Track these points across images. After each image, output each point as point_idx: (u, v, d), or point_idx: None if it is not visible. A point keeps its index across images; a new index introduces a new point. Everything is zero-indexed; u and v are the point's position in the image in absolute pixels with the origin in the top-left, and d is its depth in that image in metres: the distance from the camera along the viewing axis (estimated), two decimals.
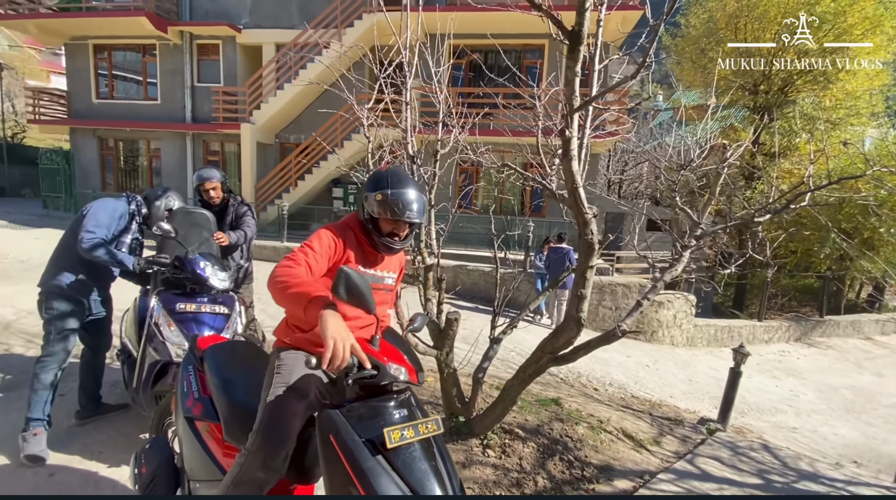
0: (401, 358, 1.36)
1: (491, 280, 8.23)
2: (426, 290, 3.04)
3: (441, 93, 3.24)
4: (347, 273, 1.24)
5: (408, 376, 1.33)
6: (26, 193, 16.88)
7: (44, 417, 2.40)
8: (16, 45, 32.11)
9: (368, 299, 1.26)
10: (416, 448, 1.25)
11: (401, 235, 1.62)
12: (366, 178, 3.45)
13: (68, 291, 2.45)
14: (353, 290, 1.24)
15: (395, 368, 1.31)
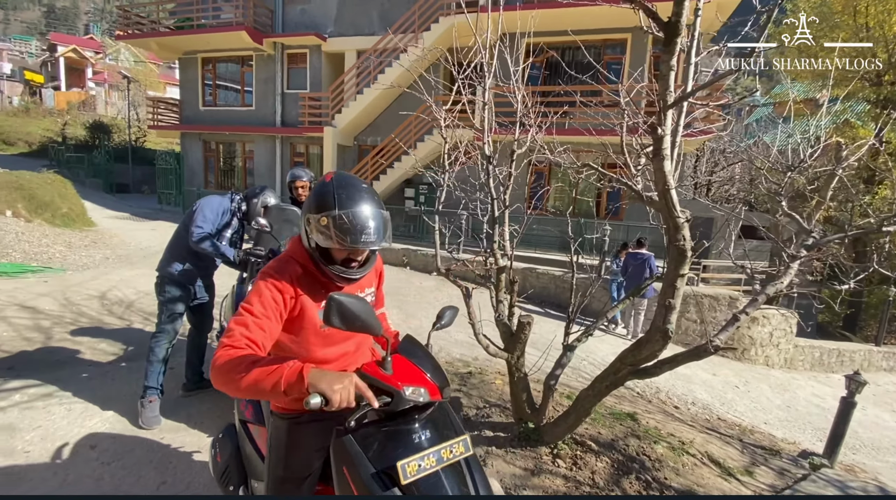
0: (420, 377, 1.23)
1: (562, 285, 7.97)
2: (497, 292, 3.00)
3: (519, 92, 3.20)
4: (339, 301, 1.08)
5: (428, 396, 1.20)
6: (145, 189, 19.36)
7: (157, 386, 2.73)
8: (140, 61, 36.99)
9: (371, 322, 1.12)
10: (439, 477, 1.14)
11: (359, 260, 1.32)
12: (438, 178, 3.53)
13: (179, 277, 2.76)
14: (349, 317, 1.09)
15: (413, 390, 1.18)
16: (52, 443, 2.41)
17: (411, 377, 1.22)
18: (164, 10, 14.82)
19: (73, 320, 4.66)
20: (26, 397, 2.85)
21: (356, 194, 1.25)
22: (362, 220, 1.22)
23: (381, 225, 1.26)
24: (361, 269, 1.34)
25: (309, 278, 1.31)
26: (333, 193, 1.23)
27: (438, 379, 1.26)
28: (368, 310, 1.12)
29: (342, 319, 1.09)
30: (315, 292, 1.31)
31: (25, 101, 29.51)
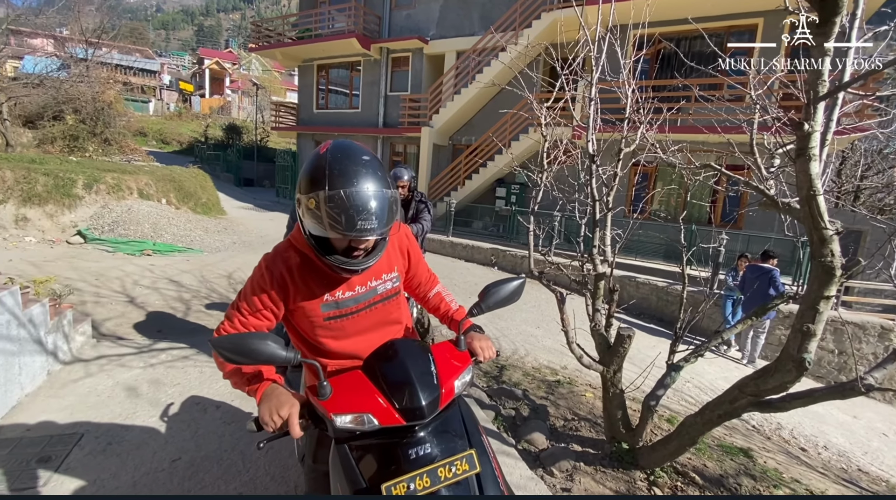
0: (370, 399, 1.06)
1: (664, 297, 7.32)
2: (595, 300, 2.83)
3: (629, 86, 2.98)
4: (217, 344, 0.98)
5: (375, 423, 1.03)
6: (266, 183, 21.82)
7: None
8: (267, 70, 41.67)
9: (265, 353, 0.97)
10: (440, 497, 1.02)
11: (363, 248, 1.10)
12: (535, 177, 3.43)
13: None
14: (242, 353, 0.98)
15: (352, 417, 1.03)
16: (188, 398, 2.80)
17: (359, 400, 1.06)
18: (288, 23, 16.51)
19: (206, 295, 5.39)
20: (170, 357, 3.36)
21: (353, 169, 1.01)
22: (360, 201, 0.99)
23: (384, 207, 1.02)
24: (368, 257, 1.12)
25: (309, 268, 1.16)
26: (325, 169, 1.01)
27: (409, 398, 1.04)
28: (258, 343, 0.97)
29: (236, 355, 0.98)
30: (317, 282, 1.16)
31: (179, 106, 34.97)
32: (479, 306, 1.29)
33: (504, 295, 1.30)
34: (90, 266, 6.04)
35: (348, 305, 1.21)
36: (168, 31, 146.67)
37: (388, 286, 1.28)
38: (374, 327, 1.29)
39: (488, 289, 1.30)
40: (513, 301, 1.33)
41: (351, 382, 1.11)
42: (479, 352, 1.27)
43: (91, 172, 8.40)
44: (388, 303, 1.29)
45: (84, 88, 14.51)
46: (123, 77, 24.01)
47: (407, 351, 1.16)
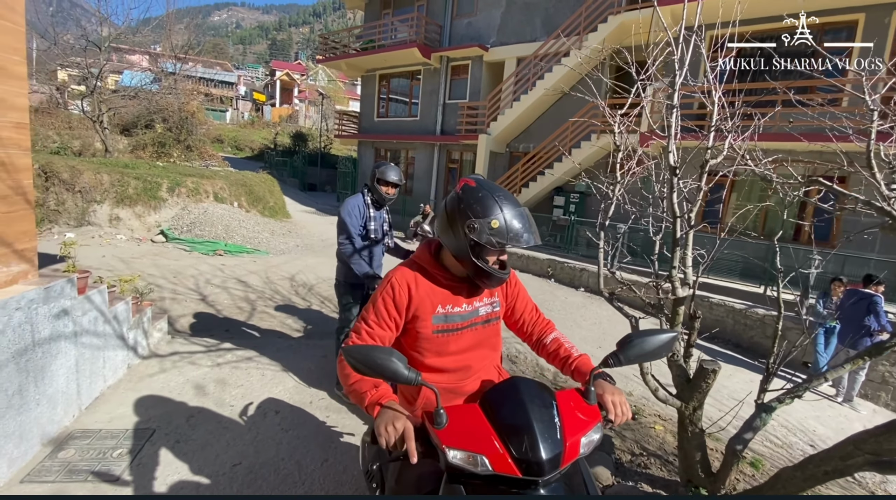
0: (485, 438, 0.99)
1: (742, 321, 6.67)
2: (673, 327, 2.57)
3: (716, 92, 2.71)
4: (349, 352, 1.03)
5: (489, 467, 0.96)
6: (327, 188, 22.76)
7: None
8: (332, 80, 43.68)
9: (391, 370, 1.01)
10: None
11: (503, 260, 1.28)
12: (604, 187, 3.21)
13: (351, 280, 3.02)
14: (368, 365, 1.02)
15: (463, 455, 0.97)
16: (250, 402, 2.87)
17: (475, 438, 0.99)
18: (353, 35, 17.18)
19: (270, 296, 5.62)
20: (235, 357, 3.49)
21: (509, 197, 1.26)
22: (525, 219, 1.23)
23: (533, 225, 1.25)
24: (504, 270, 1.29)
25: (428, 282, 1.30)
26: (492, 198, 1.22)
27: (530, 449, 0.96)
28: (385, 357, 1.01)
29: (364, 366, 1.02)
30: (434, 297, 1.30)
31: (252, 115, 37.54)
32: (618, 357, 1.14)
33: (650, 348, 1.15)
34: (169, 264, 6.52)
35: (455, 320, 1.31)
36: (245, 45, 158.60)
37: (489, 310, 1.37)
38: (473, 348, 1.36)
39: (631, 339, 1.15)
40: (659, 357, 1.18)
41: (467, 416, 1.06)
42: (612, 408, 1.13)
43: (174, 177, 9.14)
44: (487, 327, 1.37)
45: (171, 99, 15.92)
46: (205, 89, 26.13)
47: (529, 393, 1.07)
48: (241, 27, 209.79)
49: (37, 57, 16.13)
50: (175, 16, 19.61)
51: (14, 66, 1.99)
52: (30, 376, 2.09)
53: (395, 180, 2.94)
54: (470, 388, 1.37)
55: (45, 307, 2.18)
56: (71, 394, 2.44)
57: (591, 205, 11.33)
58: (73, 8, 29.87)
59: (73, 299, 2.41)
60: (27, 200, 2.14)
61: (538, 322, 1.47)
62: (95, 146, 13.65)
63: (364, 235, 2.96)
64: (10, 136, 2.01)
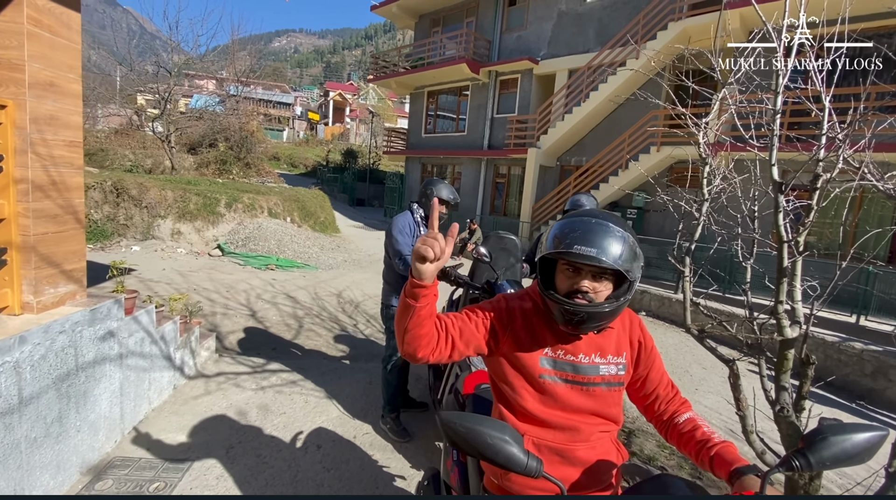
0: None
1: (834, 354, 5.84)
2: (780, 374, 2.13)
3: (827, 96, 2.29)
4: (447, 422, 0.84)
5: None
6: (375, 203, 23.18)
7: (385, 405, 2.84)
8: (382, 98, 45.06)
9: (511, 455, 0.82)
10: None
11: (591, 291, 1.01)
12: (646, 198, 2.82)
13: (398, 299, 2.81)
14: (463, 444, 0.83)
15: None
16: (292, 433, 2.70)
17: None
18: (402, 54, 17.53)
19: (318, 313, 5.55)
20: (279, 381, 3.36)
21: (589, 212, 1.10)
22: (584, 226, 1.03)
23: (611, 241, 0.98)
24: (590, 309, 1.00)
25: (539, 317, 1.13)
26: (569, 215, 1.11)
27: None
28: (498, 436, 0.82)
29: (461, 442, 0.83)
30: (543, 332, 1.11)
31: (307, 134, 39.33)
32: (807, 458, 0.83)
33: (854, 451, 0.82)
34: (224, 278, 6.66)
35: (565, 369, 1.10)
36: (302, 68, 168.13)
37: (612, 371, 1.12)
38: (586, 412, 1.11)
39: (825, 434, 0.83)
40: (863, 461, 0.84)
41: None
42: None
43: (232, 193, 9.51)
44: (607, 391, 1.12)
45: (233, 120, 16.89)
46: (264, 109, 27.70)
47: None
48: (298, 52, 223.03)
49: (120, 84, 17.72)
50: (238, 43, 20.99)
51: (69, 84, 1.96)
52: (71, 402, 2.01)
53: (450, 199, 2.72)
54: (582, 456, 1.09)
55: (90, 329, 2.12)
56: (114, 418, 2.36)
57: (650, 220, 10.64)
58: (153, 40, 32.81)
59: (119, 321, 2.35)
60: (77, 220, 2.10)
61: (673, 400, 1.17)
62: (165, 164, 14.63)
63: None
64: (62, 154, 1.98)
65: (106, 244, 7.50)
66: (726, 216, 2.80)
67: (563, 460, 1.09)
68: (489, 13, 14.21)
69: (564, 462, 1.09)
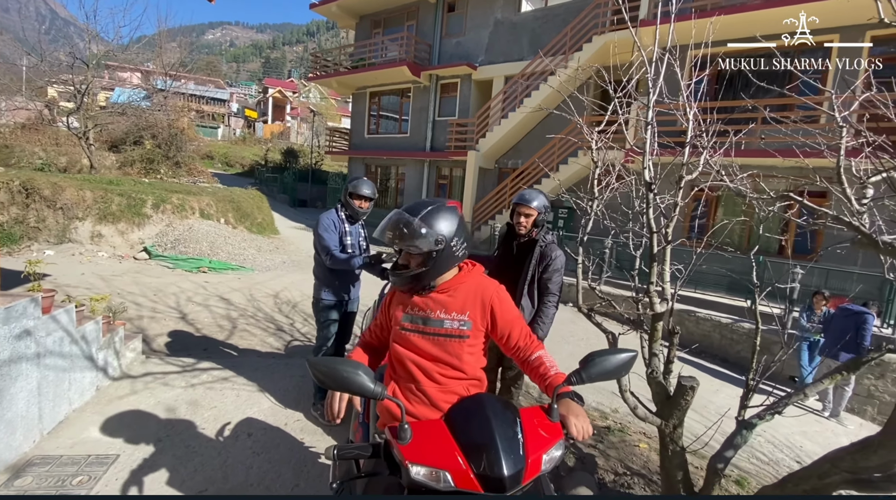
0: (450, 456, 1.00)
1: (729, 335, 6.68)
2: (652, 343, 2.55)
3: (690, 109, 2.75)
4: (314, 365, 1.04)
5: (451, 482, 0.96)
6: (318, 204, 22.70)
7: (316, 392, 2.99)
8: (324, 97, 44.07)
9: (363, 386, 1.03)
10: None
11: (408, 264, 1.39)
12: (583, 203, 3.22)
13: (328, 299, 2.98)
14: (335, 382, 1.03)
15: (427, 471, 0.97)
16: (222, 424, 2.78)
17: (438, 454, 1.00)
18: (344, 53, 17.41)
19: (252, 314, 5.52)
20: (210, 378, 3.40)
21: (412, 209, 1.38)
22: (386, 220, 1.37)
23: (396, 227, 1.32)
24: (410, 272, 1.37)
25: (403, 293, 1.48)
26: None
27: (490, 465, 0.97)
28: (351, 371, 1.02)
29: (325, 379, 1.03)
30: (404, 301, 1.46)
31: (244, 132, 37.63)
32: (580, 375, 1.17)
33: (611, 367, 1.17)
34: (151, 281, 6.40)
35: (417, 322, 1.41)
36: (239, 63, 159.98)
37: (455, 326, 1.39)
38: (436, 359, 1.40)
39: (592, 357, 1.18)
40: (620, 375, 1.23)
41: (432, 431, 1.07)
42: (572, 427, 1.14)
43: (160, 193, 9.06)
44: (448, 342, 1.39)
45: (161, 116, 15.92)
46: (196, 105, 26.23)
47: (493, 409, 1.10)
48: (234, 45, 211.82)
49: (26, 74, 16.10)
50: (167, 34, 19.77)
51: None
52: None
53: (368, 194, 2.94)
54: (434, 395, 1.39)
55: (4, 328, 2.11)
56: (32, 418, 2.34)
57: (580, 221, 11.43)
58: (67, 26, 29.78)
59: (36, 319, 2.33)
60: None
61: (529, 345, 1.44)
62: (82, 163, 13.54)
63: (341, 249, 2.93)
64: None
65: (14, 249, 6.92)
66: (622, 214, 3.25)
67: (419, 398, 1.40)
68: (429, 18, 14.51)
69: (420, 402, 1.39)
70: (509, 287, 2.75)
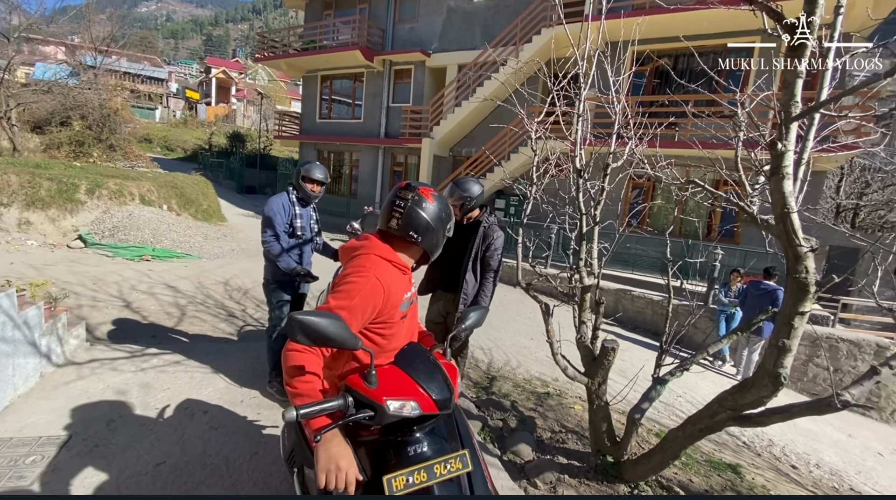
0: (412, 389, 1.20)
1: (660, 311, 7.33)
2: (581, 312, 2.86)
3: (618, 103, 3.05)
4: (300, 321, 1.06)
5: (419, 409, 1.17)
6: (267, 191, 21.94)
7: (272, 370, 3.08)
8: (272, 79, 42.18)
9: (346, 338, 1.11)
10: (432, 492, 1.13)
11: None
12: (526, 189, 3.49)
13: (279, 278, 3.06)
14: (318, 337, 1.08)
15: (400, 404, 1.15)
16: (177, 403, 2.83)
17: (402, 389, 1.19)
18: (294, 34, 16.80)
19: (202, 301, 5.43)
20: (162, 362, 3.39)
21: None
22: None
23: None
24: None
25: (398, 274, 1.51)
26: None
27: (439, 391, 1.21)
28: (339, 326, 1.10)
29: (306, 336, 1.08)
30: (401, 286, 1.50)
31: (185, 114, 35.40)
32: (460, 327, 1.55)
33: (476, 320, 1.58)
34: (89, 271, 6.09)
35: (407, 306, 1.47)
36: (177, 40, 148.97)
37: (413, 291, 1.55)
38: (412, 326, 1.56)
39: (465, 315, 1.57)
40: (481, 324, 1.63)
41: (391, 375, 1.24)
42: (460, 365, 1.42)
43: (94, 178, 8.51)
44: (414, 306, 1.57)
45: (91, 95, 14.73)
46: (131, 84, 24.31)
47: (427, 354, 1.37)
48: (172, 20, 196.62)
49: None
50: (96, 6, 18.18)
51: None
52: None
53: (321, 178, 3.03)
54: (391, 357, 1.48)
55: None
56: None
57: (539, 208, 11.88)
58: None
59: None
60: None
61: None
62: (2, 145, 12.35)
63: (291, 232, 3.01)
64: None
65: None
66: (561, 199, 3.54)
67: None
68: (382, 2, 14.31)
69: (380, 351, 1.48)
70: (455, 264, 2.99)
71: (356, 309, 1.28)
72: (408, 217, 1.41)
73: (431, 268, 3.29)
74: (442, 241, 1.50)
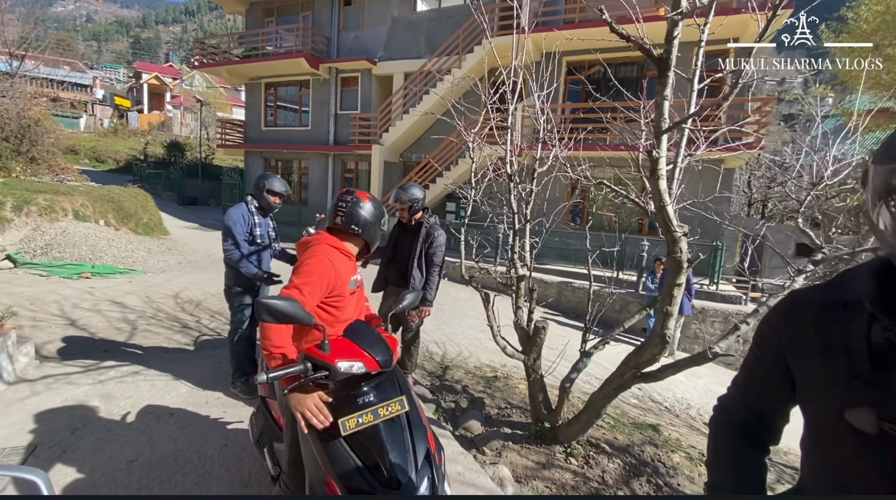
0: (358, 353, 1.48)
1: (597, 299, 7.99)
2: (517, 299, 3.26)
3: (543, 113, 3.48)
4: (265, 304, 1.34)
5: (364, 368, 1.45)
6: (211, 201, 21.16)
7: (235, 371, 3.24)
8: (211, 86, 40.50)
9: (302, 316, 1.39)
10: (377, 429, 1.41)
11: None
12: (467, 193, 3.86)
13: (241, 283, 3.23)
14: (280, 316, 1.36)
15: (349, 364, 1.42)
16: (140, 409, 2.93)
17: (350, 354, 1.47)
18: (234, 41, 16.42)
19: (153, 315, 5.38)
20: (119, 373, 3.44)
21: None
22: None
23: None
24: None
25: (344, 260, 1.83)
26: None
27: (380, 354, 1.52)
28: (296, 308, 1.38)
29: (271, 316, 1.35)
30: (348, 269, 1.82)
31: (115, 123, 33.19)
32: (400, 306, 1.86)
33: (413, 300, 1.90)
34: (23, 291, 5.82)
35: (354, 285, 1.81)
36: (100, 42, 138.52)
37: (358, 278, 1.87)
38: (359, 305, 1.90)
39: (404, 296, 1.90)
40: (415, 304, 1.94)
41: (342, 343, 1.54)
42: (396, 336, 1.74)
43: (20, 194, 8.03)
44: (361, 289, 1.91)
45: (8, 104, 13.63)
46: (51, 91, 22.60)
47: (369, 327, 1.69)
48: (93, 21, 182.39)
49: None
50: (5, 5, 16.80)
51: None
52: None
53: (283, 191, 3.27)
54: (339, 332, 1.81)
55: None
56: None
57: (479, 210, 12.39)
58: None
59: None
60: None
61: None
62: None
63: (251, 240, 3.20)
64: None
65: None
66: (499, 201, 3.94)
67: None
68: (325, 10, 14.37)
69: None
70: (403, 262, 3.31)
71: (315, 284, 1.62)
72: (349, 214, 1.77)
73: (383, 267, 3.59)
74: (379, 233, 1.87)
